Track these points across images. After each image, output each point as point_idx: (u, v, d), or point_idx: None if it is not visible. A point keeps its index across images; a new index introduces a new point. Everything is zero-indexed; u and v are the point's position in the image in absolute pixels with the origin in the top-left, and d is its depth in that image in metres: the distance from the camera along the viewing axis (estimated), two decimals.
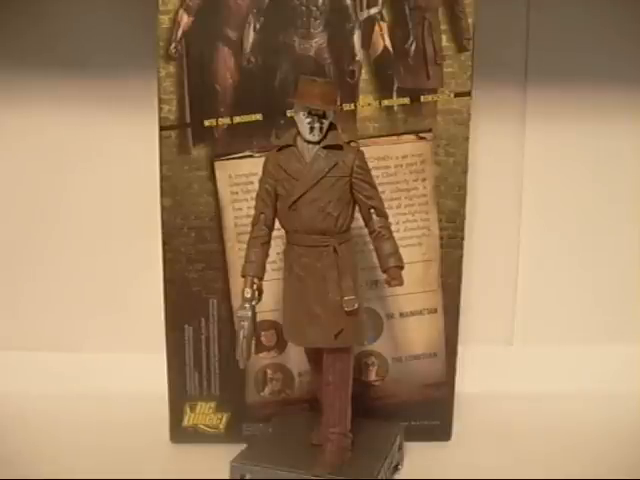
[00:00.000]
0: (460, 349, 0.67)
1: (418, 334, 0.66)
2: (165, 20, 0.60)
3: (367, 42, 0.62)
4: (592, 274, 0.81)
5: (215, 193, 0.63)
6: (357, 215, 0.55)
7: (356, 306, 0.54)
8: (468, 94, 0.62)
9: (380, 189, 0.56)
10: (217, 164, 0.63)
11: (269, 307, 0.62)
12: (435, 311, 0.66)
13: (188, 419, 0.67)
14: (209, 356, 0.66)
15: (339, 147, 0.54)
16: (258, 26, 0.61)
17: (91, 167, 0.77)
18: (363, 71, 0.62)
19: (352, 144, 0.58)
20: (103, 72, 0.74)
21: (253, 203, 0.56)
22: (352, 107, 0.62)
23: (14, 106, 0.76)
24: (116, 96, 0.74)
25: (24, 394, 0.72)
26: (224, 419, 0.67)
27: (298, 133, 0.54)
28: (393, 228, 0.56)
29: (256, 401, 0.67)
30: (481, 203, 0.74)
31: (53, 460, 0.63)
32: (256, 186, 0.56)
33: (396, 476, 0.61)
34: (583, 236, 0.80)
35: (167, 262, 0.64)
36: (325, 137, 0.54)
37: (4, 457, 0.62)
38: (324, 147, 0.53)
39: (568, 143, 0.78)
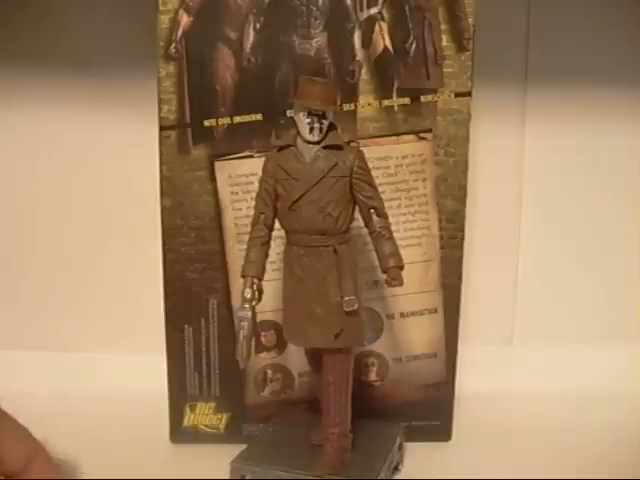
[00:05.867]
0: (460, 349, 0.67)
1: (418, 334, 0.66)
2: (165, 20, 0.60)
3: (367, 42, 0.62)
4: (592, 274, 0.81)
5: (215, 193, 0.63)
6: (357, 215, 0.55)
7: (356, 306, 0.54)
8: (468, 94, 0.62)
9: (380, 189, 0.56)
10: (217, 164, 0.63)
11: (269, 307, 0.62)
12: (435, 311, 0.66)
13: (188, 419, 0.67)
14: (209, 356, 0.66)
15: (339, 147, 0.54)
16: (258, 26, 0.61)
17: (91, 167, 0.77)
18: (363, 71, 0.62)
19: (352, 144, 0.58)
20: (103, 72, 0.74)
21: (253, 203, 0.56)
22: (352, 107, 0.62)
23: (14, 106, 0.76)
24: (116, 96, 0.74)
25: (24, 394, 0.72)
26: (224, 419, 0.67)
27: (298, 133, 0.54)
28: (393, 228, 0.56)
29: (256, 401, 0.67)
30: (481, 203, 0.74)
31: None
32: (256, 186, 0.56)
33: (396, 476, 0.61)
34: (583, 236, 0.80)
35: (167, 262, 0.64)
36: (325, 137, 0.54)
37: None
38: (324, 147, 0.53)
39: (568, 143, 0.78)
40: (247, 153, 0.63)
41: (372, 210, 0.55)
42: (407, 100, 0.62)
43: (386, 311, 0.66)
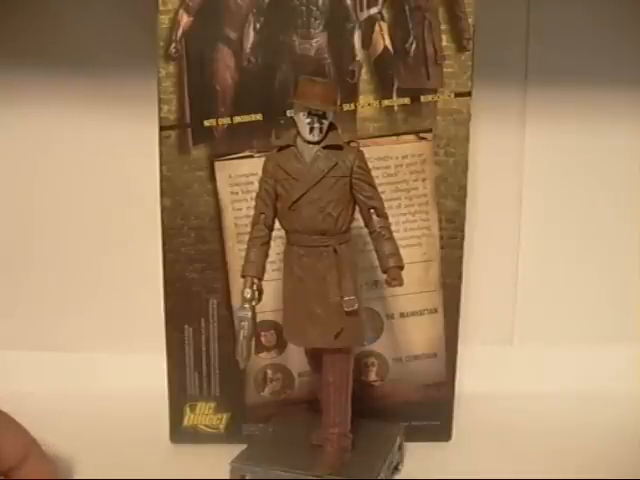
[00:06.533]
0: (460, 349, 0.67)
1: (418, 334, 0.66)
2: (165, 20, 0.60)
3: (367, 42, 0.62)
4: (592, 274, 0.81)
5: (215, 193, 0.63)
6: (357, 215, 0.55)
7: (356, 306, 0.54)
8: (468, 94, 0.62)
9: (380, 189, 0.55)
10: (217, 164, 0.63)
11: (269, 307, 0.62)
12: (435, 311, 0.66)
13: (188, 419, 0.67)
14: (209, 356, 0.66)
15: (339, 147, 0.54)
16: (258, 26, 0.61)
17: (91, 167, 0.77)
18: (363, 71, 0.62)
19: (352, 144, 0.58)
20: (103, 72, 0.74)
21: (253, 203, 0.56)
22: (352, 107, 0.62)
23: (14, 106, 0.76)
24: (116, 96, 0.74)
25: (24, 394, 0.72)
26: (224, 419, 0.67)
27: (298, 133, 0.54)
28: (393, 228, 0.56)
29: (256, 401, 0.67)
30: (481, 203, 0.74)
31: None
32: (256, 186, 0.56)
33: (396, 476, 0.61)
34: (583, 236, 0.80)
35: (167, 262, 0.64)
36: (325, 137, 0.54)
37: None
38: (324, 147, 0.53)
39: (568, 143, 0.78)
40: (247, 153, 0.63)
41: (372, 210, 0.55)
42: (407, 100, 0.62)
43: (386, 311, 0.66)
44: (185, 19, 0.61)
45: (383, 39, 0.62)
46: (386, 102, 0.62)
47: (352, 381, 0.57)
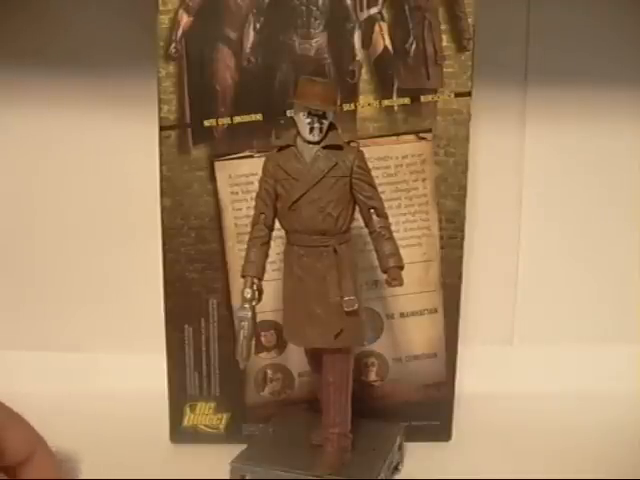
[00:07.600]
0: (460, 349, 0.67)
1: (418, 334, 0.66)
2: (165, 20, 0.60)
3: (367, 42, 0.62)
4: (592, 274, 0.81)
5: (215, 193, 0.63)
6: (357, 215, 0.55)
7: (356, 306, 0.54)
8: (468, 94, 0.62)
9: (380, 189, 0.56)
10: (217, 164, 0.63)
11: (269, 307, 0.62)
12: (435, 311, 0.66)
13: (188, 419, 0.67)
14: (209, 356, 0.66)
15: (339, 147, 0.54)
16: (258, 26, 0.61)
17: (91, 167, 0.77)
18: (363, 71, 0.62)
19: (352, 144, 0.58)
20: (103, 72, 0.74)
21: (253, 203, 0.56)
22: (352, 107, 0.62)
23: (14, 106, 0.76)
24: (116, 96, 0.74)
25: (24, 394, 0.72)
26: (224, 419, 0.67)
27: (298, 133, 0.54)
28: (393, 228, 0.56)
29: (256, 401, 0.67)
30: (481, 203, 0.74)
31: None
32: (256, 186, 0.56)
33: (396, 476, 0.61)
34: (583, 236, 0.80)
35: (167, 262, 0.64)
36: (325, 137, 0.54)
37: None
38: (324, 147, 0.53)
39: (568, 143, 0.78)
40: (247, 153, 0.63)
41: (372, 210, 0.55)
42: (407, 100, 0.62)
43: (386, 311, 0.66)
44: (185, 19, 0.61)
45: (383, 39, 0.62)
46: (386, 102, 0.62)
47: (352, 381, 0.57)
